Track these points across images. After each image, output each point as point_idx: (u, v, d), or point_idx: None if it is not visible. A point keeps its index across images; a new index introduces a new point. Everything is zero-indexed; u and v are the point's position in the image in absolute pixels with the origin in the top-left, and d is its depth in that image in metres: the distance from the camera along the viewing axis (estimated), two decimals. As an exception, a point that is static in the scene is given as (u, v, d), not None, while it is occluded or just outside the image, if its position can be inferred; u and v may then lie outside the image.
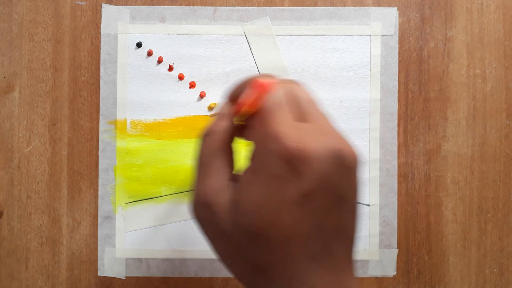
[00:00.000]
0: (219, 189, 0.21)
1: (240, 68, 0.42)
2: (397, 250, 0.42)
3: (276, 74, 0.41)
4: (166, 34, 0.42)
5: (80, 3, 0.42)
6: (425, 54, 0.42)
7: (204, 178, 0.22)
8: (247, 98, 0.22)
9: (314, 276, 0.20)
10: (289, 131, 0.20)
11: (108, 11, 0.42)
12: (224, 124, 0.23)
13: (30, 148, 0.42)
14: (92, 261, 0.42)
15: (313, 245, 0.20)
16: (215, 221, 0.21)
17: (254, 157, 0.21)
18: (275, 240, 0.19)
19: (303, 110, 0.22)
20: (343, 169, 0.20)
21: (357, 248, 0.22)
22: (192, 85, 0.42)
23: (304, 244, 0.20)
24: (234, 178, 0.22)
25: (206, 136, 0.23)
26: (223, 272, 0.42)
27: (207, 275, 0.42)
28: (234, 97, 0.25)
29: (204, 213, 0.22)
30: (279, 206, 0.19)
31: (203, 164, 0.22)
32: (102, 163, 0.42)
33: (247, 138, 0.23)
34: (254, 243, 0.20)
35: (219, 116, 0.24)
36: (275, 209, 0.19)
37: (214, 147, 0.23)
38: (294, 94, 0.22)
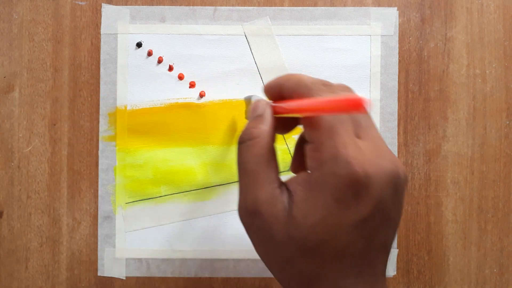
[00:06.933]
0: (271, 197, 0.21)
1: (240, 68, 0.42)
2: (397, 250, 0.42)
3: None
4: (166, 34, 0.42)
5: (80, 3, 0.42)
6: (425, 54, 0.42)
7: (254, 186, 0.21)
8: (313, 106, 0.21)
9: None
10: (357, 154, 0.19)
11: (108, 11, 0.42)
12: (266, 129, 0.22)
13: (30, 148, 0.42)
14: (92, 261, 0.42)
15: (361, 262, 0.20)
16: (267, 231, 0.21)
17: (315, 173, 0.21)
18: (328, 257, 0.20)
19: (359, 124, 0.21)
20: (396, 191, 0.20)
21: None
22: (192, 85, 0.42)
23: (355, 262, 0.20)
24: (283, 185, 0.22)
25: (249, 142, 0.22)
26: (223, 272, 0.42)
27: (207, 275, 0.42)
28: (272, 93, 0.24)
29: (255, 222, 0.21)
30: (338, 228, 0.20)
31: (250, 171, 0.22)
32: (102, 163, 0.42)
33: (309, 151, 0.22)
34: (307, 256, 0.20)
35: (258, 118, 0.23)
36: (333, 229, 0.20)
37: (260, 154, 0.22)
38: None
